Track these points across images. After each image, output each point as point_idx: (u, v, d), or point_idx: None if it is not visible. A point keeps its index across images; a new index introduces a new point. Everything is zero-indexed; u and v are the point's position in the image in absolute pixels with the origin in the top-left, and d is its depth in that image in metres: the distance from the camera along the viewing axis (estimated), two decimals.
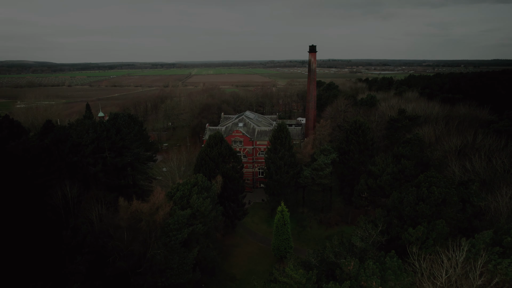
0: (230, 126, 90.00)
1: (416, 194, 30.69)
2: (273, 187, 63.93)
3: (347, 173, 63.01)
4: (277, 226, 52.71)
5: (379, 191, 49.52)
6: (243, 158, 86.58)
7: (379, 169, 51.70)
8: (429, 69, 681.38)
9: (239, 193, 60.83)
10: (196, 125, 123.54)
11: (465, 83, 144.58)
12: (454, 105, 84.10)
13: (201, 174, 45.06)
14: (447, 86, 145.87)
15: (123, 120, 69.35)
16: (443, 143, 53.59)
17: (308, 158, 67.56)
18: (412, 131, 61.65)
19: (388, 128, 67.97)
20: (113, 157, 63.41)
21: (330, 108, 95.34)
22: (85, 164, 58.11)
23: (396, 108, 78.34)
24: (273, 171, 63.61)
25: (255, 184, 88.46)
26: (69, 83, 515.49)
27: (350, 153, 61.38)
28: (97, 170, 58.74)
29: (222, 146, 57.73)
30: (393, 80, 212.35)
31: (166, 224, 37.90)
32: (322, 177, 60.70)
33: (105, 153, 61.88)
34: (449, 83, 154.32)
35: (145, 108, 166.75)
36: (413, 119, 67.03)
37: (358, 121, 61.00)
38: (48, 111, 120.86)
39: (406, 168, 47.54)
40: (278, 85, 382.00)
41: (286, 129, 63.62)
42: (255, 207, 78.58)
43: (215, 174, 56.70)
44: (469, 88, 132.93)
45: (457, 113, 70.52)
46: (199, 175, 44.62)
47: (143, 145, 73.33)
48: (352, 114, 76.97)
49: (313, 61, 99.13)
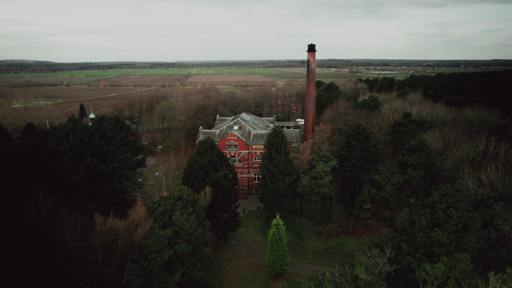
0: (225, 129, 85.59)
1: (431, 217, 26.30)
2: (268, 196, 59.52)
3: (348, 181, 58.60)
4: (272, 241, 48.26)
5: (383, 203, 45.13)
6: (238, 163, 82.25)
7: (383, 178, 47.26)
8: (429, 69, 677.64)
9: (231, 203, 56.43)
10: (191, 127, 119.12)
11: (469, 84, 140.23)
12: (460, 107, 79.56)
13: (186, 187, 40.61)
14: (450, 87, 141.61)
15: (109, 123, 64.76)
16: (453, 151, 49.10)
17: (306, 164, 63.16)
18: (418, 137, 57.25)
19: (392, 133, 63.40)
20: (96, 163, 58.94)
21: (330, 110, 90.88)
22: (64, 172, 53.67)
23: (400, 111, 73.98)
24: (268, 180, 59.19)
25: (250, 190, 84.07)
26: (67, 82, 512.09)
27: (351, 160, 56.97)
28: (78, 178, 54.33)
29: (212, 153, 53.30)
30: (394, 81, 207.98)
31: (144, 245, 33.46)
32: (321, 186, 56.27)
33: (87, 159, 57.45)
34: (452, 84, 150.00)
35: (140, 109, 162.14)
36: (419, 123, 62.53)
37: (361, 126, 56.57)
38: (37, 112, 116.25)
39: (413, 179, 43.13)
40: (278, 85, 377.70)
41: (282, 134, 59.20)
42: (250, 215, 74.20)
43: (205, 184, 52.32)
44: (473, 89, 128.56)
45: (464, 117, 65.99)
46: (184, 188, 40.18)
47: (131, 150, 68.75)
48: (353, 117, 72.51)
49: (312, 60, 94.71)
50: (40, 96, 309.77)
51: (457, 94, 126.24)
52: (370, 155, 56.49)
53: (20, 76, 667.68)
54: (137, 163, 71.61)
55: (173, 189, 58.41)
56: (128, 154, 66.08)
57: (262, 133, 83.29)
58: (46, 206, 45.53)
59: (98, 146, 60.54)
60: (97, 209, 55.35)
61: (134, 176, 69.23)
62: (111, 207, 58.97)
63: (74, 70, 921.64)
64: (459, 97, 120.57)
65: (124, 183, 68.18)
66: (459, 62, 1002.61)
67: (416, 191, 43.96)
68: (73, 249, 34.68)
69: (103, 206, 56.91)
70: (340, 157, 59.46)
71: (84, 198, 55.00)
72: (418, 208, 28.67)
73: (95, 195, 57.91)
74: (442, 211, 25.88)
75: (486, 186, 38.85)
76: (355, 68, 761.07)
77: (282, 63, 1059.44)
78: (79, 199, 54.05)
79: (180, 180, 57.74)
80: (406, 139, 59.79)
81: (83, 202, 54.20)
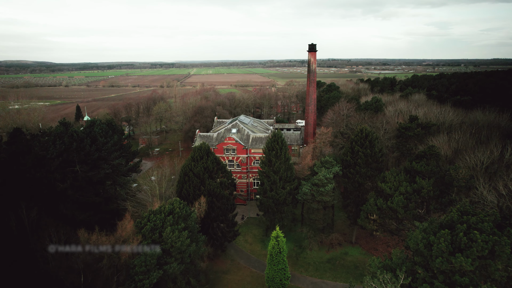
0: (223, 132, 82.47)
1: (451, 240, 23.24)
2: (268, 204, 56.43)
3: (351, 188, 55.53)
4: (272, 254, 45.20)
5: (390, 214, 42.07)
6: (237, 167, 79.17)
7: (390, 187, 44.20)
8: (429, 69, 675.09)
9: (229, 212, 53.36)
10: (189, 129, 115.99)
11: (473, 84, 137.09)
12: (467, 109, 76.27)
13: (178, 200, 37.54)
14: (454, 87, 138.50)
15: (100, 128, 61.72)
16: (464, 158, 46.00)
17: (307, 170, 60.11)
18: (426, 141, 54.16)
19: (398, 137, 60.25)
20: (86, 170, 55.90)
21: (332, 112, 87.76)
22: (51, 180, 50.62)
23: (405, 113, 70.83)
24: (267, 187, 56.12)
25: (249, 196, 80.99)
26: (66, 83, 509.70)
27: (355, 167, 53.88)
28: (66, 186, 51.33)
29: (208, 159, 50.23)
30: (395, 80, 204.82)
31: (131, 265, 30.39)
32: (324, 194, 53.20)
33: (76, 166, 54.41)
34: (456, 84, 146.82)
35: (137, 110, 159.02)
36: (426, 127, 59.40)
37: (365, 130, 53.48)
38: (31, 114, 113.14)
39: (423, 188, 40.08)
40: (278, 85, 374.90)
41: (281, 138, 56.13)
42: (249, 223, 71.11)
43: (200, 193, 49.26)
44: (478, 89, 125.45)
45: (472, 120, 62.73)
46: (175, 201, 37.12)
47: (124, 155, 65.75)
48: (356, 120, 69.44)
49: (313, 61, 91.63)
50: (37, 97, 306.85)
51: (461, 95, 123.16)
52: (374, 161, 53.43)
53: (19, 76, 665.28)
54: (130, 168, 68.64)
55: (168, 196, 55.55)
56: (120, 159, 63.09)
57: (261, 136, 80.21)
58: (30, 218, 42.56)
59: (89, 152, 57.49)
60: (86, 219, 52.71)
61: (128, 183, 66.14)
62: (102, 216, 56.15)
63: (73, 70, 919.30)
64: (463, 98, 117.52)
65: (117, 190, 65.18)
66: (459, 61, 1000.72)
67: (426, 201, 40.90)
68: (54, 270, 31.62)
69: (94, 216, 53.99)
70: (343, 163, 56.43)
71: (73, 208, 52.02)
72: (434, 227, 25.61)
73: (85, 204, 54.94)
74: (464, 234, 22.81)
75: (505, 198, 35.72)
76: (355, 68, 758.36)
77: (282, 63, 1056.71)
78: (67, 208, 51.06)
79: (175, 187, 54.67)
80: (413, 144, 56.70)
81: (71, 212, 51.24)
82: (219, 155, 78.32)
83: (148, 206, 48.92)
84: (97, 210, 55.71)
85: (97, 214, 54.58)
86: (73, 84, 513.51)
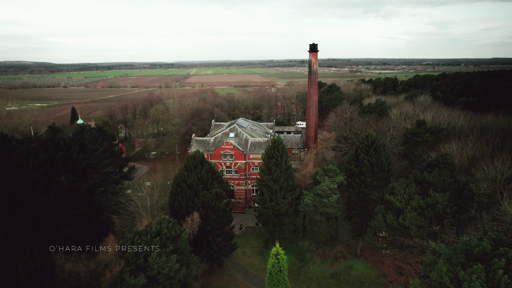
0: (220, 136, 78.78)
1: (486, 278, 19.61)
2: (267, 215, 52.74)
3: (356, 199, 51.84)
4: (271, 273, 41.35)
5: (402, 231, 38.42)
6: (235, 173, 75.47)
7: (400, 200, 40.54)
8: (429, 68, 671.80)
9: (225, 225, 49.68)
10: (186, 132, 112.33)
11: (478, 84, 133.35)
12: (476, 112, 72.41)
13: (167, 218, 33.86)
14: (458, 88, 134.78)
15: (90, 134, 58.05)
16: (482, 167, 42.32)
17: (309, 179, 56.41)
18: (436, 148, 50.46)
19: (405, 143, 56.53)
20: (73, 180, 52.19)
21: (334, 115, 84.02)
22: (34, 192, 46.92)
23: (411, 116, 67.07)
24: (267, 197, 52.44)
25: (248, 203, 77.31)
26: (65, 84, 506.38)
27: (360, 176, 50.19)
28: (50, 198, 47.65)
29: (202, 169, 46.55)
30: (397, 81, 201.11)
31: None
32: (327, 205, 49.54)
33: (62, 176, 50.71)
34: (460, 84, 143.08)
35: (133, 112, 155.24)
36: (435, 132, 55.66)
37: (371, 136, 49.80)
38: (22, 117, 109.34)
39: (438, 203, 36.43)
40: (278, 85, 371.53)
41: (282, 145, 52.45)
42: (248, 233, 67.45)
43: (194, 205, 45.61)
44: (484, 90, 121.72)
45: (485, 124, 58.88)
46: (164, 220, 33.46)
47: (115, 162, 62.09)
48: (360, 124, 65.73)
49: (314, 61, 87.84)
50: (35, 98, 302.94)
51: (467, 96, 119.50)
52: (381, 170, 49.74)
53: (18, 77, 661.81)
54: (122, 176, 64.95)
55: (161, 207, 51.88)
56: (111, 167, 59.46)
57: (260, 141, 76.53)
58: (6, 236, 38.86)
59: (76, 160, 53.83)
60: (73, 232, 49.09)
61: (119, 192, 62.39)
62: (91, 229, 52.54)
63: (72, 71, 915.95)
64: (469, 99, 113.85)
65: (108, 200, 61.50)
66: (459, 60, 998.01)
67: (441, 216, 37.26)
68: None
69: (81, 229, 50.34)
70: (348, 171, 52.74)
71: (58, 221, 48.35)
72: (461, 257, 21.93)
73: (72, 216, 51.21)
74: (504, 270, 19.14)
75: None
76: (355, 68, 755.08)
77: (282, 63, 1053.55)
78: (51, 222, 47.42)
79: (167, 198, 50.97)
80: (422, 151, 53.00)
81: (56, 226, 47.58)
82: (216, 161, 74.76)
83: (138, 221, 45.27)
84: (85, 222, 52.03)
85: (85, 226, 50.94)
86: (71, 85, 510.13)
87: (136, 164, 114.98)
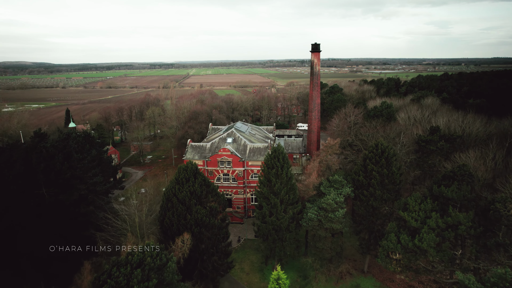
0: (217, 142, 74.42)
1: None
2: (267, 231, 48.35)
3: (364, 213, 47.49)
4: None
5: (419, 254, 34.07)
6: (232, 181, 71.16)
7: (415, 218, 36.21)
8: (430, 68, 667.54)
9: (221, 243, 45.34)
10: (182, 136, 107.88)
11: (485, 85, 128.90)
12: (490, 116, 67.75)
13: (151, 244, 29.49)
14: (465, 89, 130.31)
15: (76, 142, 53.68)
16: (509, 181, 37.93)
17: (312, 190, 52.04)
18: (452, 158, 46.06)
19: (417, 151, 52.02)
20: (56, 193, 47.83)
21: (337, 118, 79.59)
22: (8, 208, 42.53)
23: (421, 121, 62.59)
24: (266, 211, 48.05)
25: (247, 212, 72.99)
26: (63, 84, 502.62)
27: (369, 188, 45.83)
28: (27, 214, 43.28)
29: (196, 182, 42.20)
30: (400, 81, 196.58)
31: None
32: (333, 220, 45.20)
33: (42, 189, 46.38)
34: (466, 85, 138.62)
35: (129, 114, 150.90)
36: (449, 139, 51.16)
37: (381, 145, 45.46)
38: (11, 121, 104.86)
39: (460, 224, 32.12)
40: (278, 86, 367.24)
41: (283, 154, 48.07)
42: (246, 246, 63.16)
43: (186, 222, 41.25)
44: (492, 91, 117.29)
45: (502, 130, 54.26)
46: (148, 245, 29.09)
47: (103, 171, 57.73)
48: (366, 130, 61.32)
49: (317, 62, 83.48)
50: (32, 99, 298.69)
51: (474, 97, 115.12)
52: (392, 182, 45.36)
53: (16, 78, 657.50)
54: (112, 186, 60.55)
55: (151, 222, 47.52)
56: (99, 177, 55.03)
57: (260, 146, 72.18)
58: None
59: (60, 170, 49.54)
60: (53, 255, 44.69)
61: (108, 204, 57.91)
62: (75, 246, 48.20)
63: (72, 71, 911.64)
64: (476, 100, 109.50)
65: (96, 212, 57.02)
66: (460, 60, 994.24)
67: (463, 238, 32.95)
68: None
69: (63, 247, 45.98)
70: (355, 183, 48.40)
71: (36, 241, 43.99)
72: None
73: (55, 233, 46.82)
74: None
75: None
76: (355, 68, 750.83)
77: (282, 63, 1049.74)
78: (28, 243, 43.04)
79: (156, 216, 46.58)
80: (436, 160, 48.61)
81: (33, 246, 43.23)
82: (212, 168, 70.44)
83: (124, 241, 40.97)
84: (69, 238, 47.67)
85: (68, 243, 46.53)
86: (70, 85, 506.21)
87: (131, 168, 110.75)
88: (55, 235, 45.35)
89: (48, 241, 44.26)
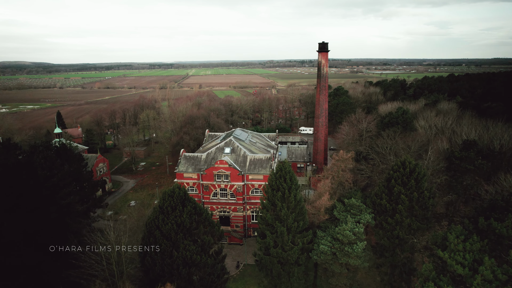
0: (214, 152, 66.49)
1: None
2: (271, 265, 40.45)
3: (388, 244, 39.64)
4: None
5: None
6: (231, 197, 63.26)
7: (462, 263, 28.42)
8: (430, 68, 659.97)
9: (214, 284, 37.37)
10: (177, 142, 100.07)
11: (501, 87, 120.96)
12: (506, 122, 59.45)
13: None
14: (479, 92, 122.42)
15: (43, 156, 45.63)
16: None
17: (324, 214, 44.14)
18: (493, 179, 38.20)
19: (447, 169, 43.84)
20: (14, 220, 39.89)
21: (347, 125, 71.65)
22: None
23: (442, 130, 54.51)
24: (270, 241, 40.12)
25: (246, 232, 65.05)
26: (61, 85, 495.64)
27: (395, 215, 37.96)
28: None
29: (184, 211, 34.25)
30: (405, 83, 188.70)
31: None
32: (351, 255, 37.29)
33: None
34: (480, 87, 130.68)
35: (123, 117, 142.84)
36: (491, 156, 42.81)
37: (410, 163, 37.61)
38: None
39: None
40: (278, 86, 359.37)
41: (290, 174, 40.18)
42: (246, 274, 55.19)
43: (172, 261, 33.30)
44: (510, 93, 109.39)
45: None
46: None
47: (81, 190, 49.83)
48: (383, 141, 53.24)
49: (324, 63, 75.62)
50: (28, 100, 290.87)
51: (491, 101, 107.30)
52: (422, 208, 37.51)
53: (14, 78, 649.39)
54: (91, 205, 52.51)
55: (130, 258, 39.69)
56: (74, 197, 47.11)
57: (261, 157, 64.28)
58: None
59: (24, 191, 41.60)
60: None
61: (87, 227, 49.95)
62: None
63: (71, 71, 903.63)
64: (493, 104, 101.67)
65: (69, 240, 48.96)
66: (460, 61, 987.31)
67: None
68: None
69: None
70: (376, 207, 40.52)
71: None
72: None
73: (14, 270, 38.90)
74: None
75: None
76: (355, 68, 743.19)
77: (282, 63, 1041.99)
78: None
79: (138, 246, 38.60)
80: (472, 181, 40.74)
81: None
82: (208, 182, 62.58)
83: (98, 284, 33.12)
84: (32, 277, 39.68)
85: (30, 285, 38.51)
86: (68, 85, 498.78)
87: (122, 177, 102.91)
88: (16, 275, 37.41)
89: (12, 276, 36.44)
